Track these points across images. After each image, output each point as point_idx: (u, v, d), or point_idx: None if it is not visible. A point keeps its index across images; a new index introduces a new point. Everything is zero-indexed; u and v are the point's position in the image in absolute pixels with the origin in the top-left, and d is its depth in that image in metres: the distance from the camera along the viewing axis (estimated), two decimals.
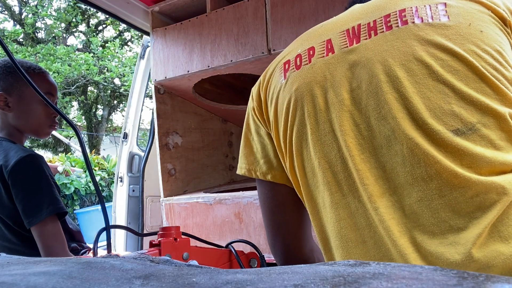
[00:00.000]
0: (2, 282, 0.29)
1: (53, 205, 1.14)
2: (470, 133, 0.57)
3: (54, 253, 1.12)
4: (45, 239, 1.12)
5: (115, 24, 12.81)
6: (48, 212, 1.12)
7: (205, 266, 0.39)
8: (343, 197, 0.65)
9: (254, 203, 1.57)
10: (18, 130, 1.31)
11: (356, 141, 0.63)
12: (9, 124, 1.29)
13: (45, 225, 1.12)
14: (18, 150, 1.19)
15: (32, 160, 1.18)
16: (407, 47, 0.61)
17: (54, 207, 1.14)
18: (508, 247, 0.52)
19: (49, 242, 1.12)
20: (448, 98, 0.58)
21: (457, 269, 0.25)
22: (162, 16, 1.95)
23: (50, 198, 1.15)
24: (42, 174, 1.18)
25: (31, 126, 1.31)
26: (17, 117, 1.28)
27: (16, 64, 0.72)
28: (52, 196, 1.16)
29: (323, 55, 0.69)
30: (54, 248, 1.13)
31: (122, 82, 12.64)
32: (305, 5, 1.48)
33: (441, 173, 0.56)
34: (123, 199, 2.49)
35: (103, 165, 9.05)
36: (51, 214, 1.13)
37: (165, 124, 1.92)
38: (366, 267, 0.31)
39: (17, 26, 11.86)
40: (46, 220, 1.12)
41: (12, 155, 1.17)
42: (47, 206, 1.13)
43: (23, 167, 1.15)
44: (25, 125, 1.30)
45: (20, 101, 1.27)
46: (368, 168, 0.62)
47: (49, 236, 1.13)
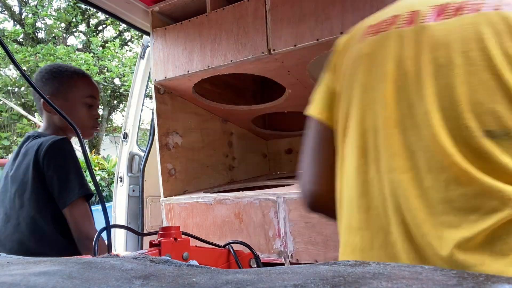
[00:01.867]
0: (2, 282, 0.29)
1: (84, 187, 1.23)
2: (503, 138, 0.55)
3: (84, 229, 1.20)
4: (76, 217, 1.21)
5: (115, 24, 12.81)
6: (80, 193, 1.21)
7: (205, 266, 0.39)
8: (365, 164, 0.66)
9: (254, 203, 1.57)
10: (62, 131, 1.40)
11: (394, 115, 0.64)
12: (55, 124, 1.39)
13: (77, 205, 1.21)
14: (52, 137, 1.28)
15: (64, 143, 1.26)
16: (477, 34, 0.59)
17: (85, 189, 1.22)
18: (496, 263, 0.51)
19: (79, 219, 1.21)
20: (495, 96, 0.56)
21: (442, 263, 0.25)
22: (162, 16, 1.95)
23: (81, 180, 1.23)
24: (74, 157, 1.27)
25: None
26: (62, 119, 1.35)
27: (16, 64, 0.72)
28: (83, 178, 1.25)
29: (402, 26, 0.69)
30: (85, 225, 1.21)
31: (122, 82, 12.63)
32: (305, 5, 1.48)
33: (452, 167, 0.56)
34: (123, 199, 2.49)
35: (103, 165, 9.05)
36: (82, 195, 1.21)
37: (165, 124, 1.92)
38: (366, 267, 0.31)
39: (17, 26, 11.86)
40: (78, 200, 1.21)
41: (46, 140, 1.26)
42: (79, 187, 1.21)
43: (56, 149, 1.24)
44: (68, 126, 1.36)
45: (65, 104, 1.36)
46: (395, 143, 0.63)
47: (80, 215, 1.21)
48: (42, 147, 1.24)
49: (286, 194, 1.50)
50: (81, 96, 1.40)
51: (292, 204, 1.48)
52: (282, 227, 1.50)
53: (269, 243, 1.53)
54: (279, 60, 1.59)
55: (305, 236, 1.45)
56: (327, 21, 1.42)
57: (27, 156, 1.28)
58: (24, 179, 1.25)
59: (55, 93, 1.36)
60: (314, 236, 1.43)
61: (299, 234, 1.46)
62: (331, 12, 1.41)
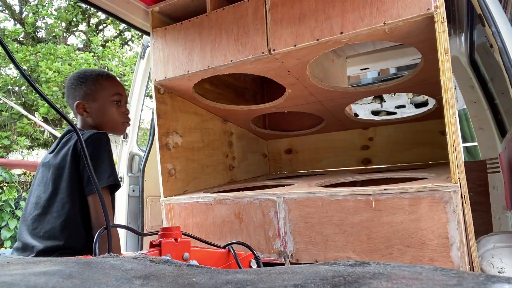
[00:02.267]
0: (2, 282, 0.29)
1: (113, 176, 1.30)
2: None
3: (102, 221, 1.24)
4: (98, 206, 1.26)
5: (115, 24, 12.80)
6: (108, 181, 1.28)
7: (205, 266, 0.39)
8: None
9: (254, 203, 1.57)
10: (97, 129, 1.48)
11: None
12: (90, 125, 1.50)
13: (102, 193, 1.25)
14: (92, 130, 1.38)
15: (103, 136, 1.35)
16: None
17: (114, 178, 1.30)
18: None
19: (100, 209, 1.24)
20: None
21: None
22: (162, 16, 1.95)
23: (112, 170, 1.31)
24: (110, 149, 1.35)
25: (107, 125, 1.51)
26: (95, 119, 1.49)
27: (16, 63, 0.72)
28: (114, 169, 1.33)
29: None
30: (103, 216, 1.23)
31: (122, 82, 12.61)
32: (305, 5, 1.48)
33: None
34: (123, 199, 2.49)
35: None
36: (109, 184, 1.28)
37: (165, 124, 1.92)
38: (366, 267, 0.31)
39: (18, 25, 11.85)
40: (103, 190, 1.27)
41: (86, 132, 1.36)
42: (107, 176, 1.28)
43: (95, 139, 1.32)
44: (102, 124, 1.50)
45: (95, 105, 1.48)
46: None
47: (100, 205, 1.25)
48: (83, 136, 1.31)
49: (286, 194, 1.50)
50: (108, 95, 1.50)
51: (292, 204, 1.48)
52: (282, 227, 1.50)
53: (269, 243, 1.53)
54: (279, 60, 1.59)
55: (305, 236, 1.45)
56: (327, 21, 1.42)
57: (68, 144, 1.37)
58: (62, 164, 1.34)
59: (85, 97, 1.48)
60: (314, 236, 1.43)
61: (299, 234, 1.46)
62: (331, 12, 1.41)
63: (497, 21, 1.43)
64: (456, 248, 1.18)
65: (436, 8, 1.23)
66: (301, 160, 2.77)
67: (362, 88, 1.94)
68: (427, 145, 2.35)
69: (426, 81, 1.78)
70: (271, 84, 2.42)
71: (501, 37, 1.40)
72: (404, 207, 1.26)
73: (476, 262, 1.20)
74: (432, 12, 1.24)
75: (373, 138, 2.53)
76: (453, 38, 2.52)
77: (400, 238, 1.27)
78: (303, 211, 1.45)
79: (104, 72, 1.59)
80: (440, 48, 1.23)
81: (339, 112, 2.25)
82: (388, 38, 1.42)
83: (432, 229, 1.22)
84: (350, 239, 1.36)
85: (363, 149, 2.57)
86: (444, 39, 1.23)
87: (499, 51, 1.39)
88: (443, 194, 1.20)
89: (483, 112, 2.41)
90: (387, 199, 1.29)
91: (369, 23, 1.34)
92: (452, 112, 1.22)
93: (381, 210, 1.30)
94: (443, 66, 1.23)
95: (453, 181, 1.21)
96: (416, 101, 4.19)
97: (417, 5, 1.26)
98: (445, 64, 1.23)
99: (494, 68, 2.10)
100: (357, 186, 1.47)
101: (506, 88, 1.53)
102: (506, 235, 1.48)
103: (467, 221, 1.19)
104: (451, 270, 0.28)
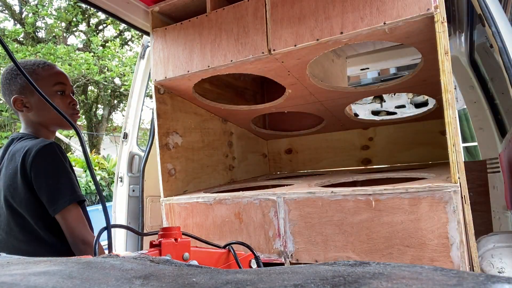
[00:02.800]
0: (2, 282, 0.29)
1: (74, 194, 1.20)
2: None
3: (78, 233, 1.20)
4: (69, 222, 1.20)
5: (115, 24, 12.80)
6: (70, 200, 1.20)
7: (205, 266, 0.38)
8: None
9: (254, 203, 1.57)
10: (43, 126, 1.36)
11: None
12: (33, 122, 1.35)
13: (68, 211, 1.20)
14: (39, 141, 1.24)
15: (51, 149, 1.23)
16: None
17: (75, 195, 1.21)
18: None
19: (73, 224, 1.20)
20: None
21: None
22: (162, 16, 1.95)
23: (71, 186, 1.22)
24: (62, 161, 1.24)
25: (53, 120, 1.36)
26: (38, 114, 1.34)
27: (16, 63, 0.72)
28: (73, 184, 1.23)
29: None
30: (78, 229, 1.21)
31: (122, 82, 12.63)
32: (305, 5, 1.48)
33: None
34: (123, 199, 2.49)
35: (103, 165, 9.05)
36: (72, 202, 1.20)
37: (165, 124, 1.92)
38: (366, 267, 0.31)
39: (18, 25, 11.85)
40: (69, 207, 1.20)
41: (33, 145, 1.22)
42: (69, 194, 1.20)
43: (44, 156, 1.21)
44: (47, 120, 1.35)
45: (35, 99, 1.32)
46: None
47: (72, 220, 1.20)
48: (29, 153, 1.20)
49: (286, 194, 1.50)
50: (48, 86, 1.33)
51: (292, 204, 1.48)
52: (282, 227, 1.50)
53: (269, 243, 1.53)
54: (279, 60, 1.59)
55: (305, 236, 1.45)
56: (327, 21, 1.42)
57: (13, 162, 1.24)
58: (13, 185, 1.22)
59: (22, 90, 1.32)
60: (314, 236, 1.43)
61: (299, 234, 1.46)
62: (331, 12, 1.41)
63: (497, 21, 1.43)
64: (456, 248, 1.18)
65: (436, 8, 1.23)
66: (301, 160, 2.77)
67: (362, 88, 1.94)
68: (427, 145, 2.35)
69: (426, 81, 1.78)
70: (271, 84, 2.42)
71: (501, 37, 1.40)
72: (404, 207, 1.26)
73: (476, 262, 1.20)
74: (432, 12, 1.24)
75: (373, 138, 2.53)
76: (453, 38, 2.52)
77: (400, 238, 1.27)
78: (303, 211, 1.46)
79: (41, 60, 1.41)
80: (440, 48, 1.23)
81: (339, 112, 2.25)
82: (388, 38, 1.42)
83: (432, 229, 1.22)
84: (350, 239, 1.36)
85: (363, 149, 2.57)
86: (444, 39, 1.23)
87: (499, 51, 1.39)
88: (443, 194, 1.20)
89: (483, 112, 2.41)
90: (387, 199, 1.29)
91: (369, 23, 1.34)
92: (452, 112, 1.22)
93: (381, 210, 1.30)
94: (443, 66, 1.23)
95: (453, 181, 1.21)
96: (416, 101, 4.19)
97: (417, 5, 1.26)
98: (445, 64, 1.23)
99: (494, 68, 2.10)
100: (357, 186, 1.47)
101: (506, 88, 1.53)
102: (506, 235, 1.48)
103: (467, 221, 1.19)
104: (451, 270, 0.28)
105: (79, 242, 1.19)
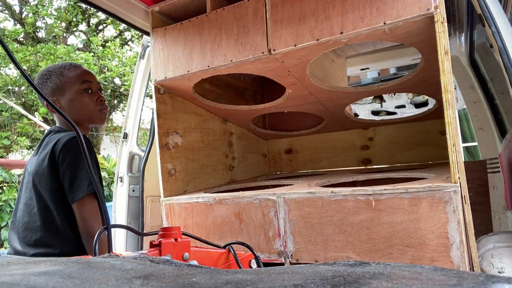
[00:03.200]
0: (2, 282, 0.29)
1: (91, 185, 1.27)
2: None
3: (89, 225, 1.25)
4: (83, 213, 1.25)
5: (115, 24, 12.80)
6: (88, 189, 1.25)
7: (205, 266, 0.38)
8: None
9: (254, 203, 1.57)
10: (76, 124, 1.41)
11: None
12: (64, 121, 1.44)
13: (84, 202, 1.26)
14: (70, 133, 1.33)
15: (78, 141, 1.28)
16: None
17: (92, 187, 1.26)
18: None
19: (85, 215, 1.25)
20: None
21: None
22: (162, 16, 1.95)
23: (90, 179, 1.26)
24: (89, 154, 1.27)
25: (83, 116, 1.45)
26: (69, 113, 1.42)
27: (16, 63, 0.72)
28: (93, 177, 1.26)
29: None
30: (90, 221, 1.26)
31: (122, 82, 12.63)
32: (305, 5, 1.48)
33: None
34: (123, 199, 2.49)
35: (103, 165, 9.04)
36: (90, 192, 1.25)
37: (165, 124, 1.92)
38: (366, 267, 0.31)
39: (18, 25, 11.85)
40: (86, 197, 1.25)
41: (64, 137, 1.31)
42: (88, 184, 1.25)
43: (72, 146, 1.28)
44: (78, 117, 1.44)
45: (65, 99, 1.42)
46: None
47: (86, 211, 1.26)
48: (60, 142, 1.29)
49: (286, 194, 1.50)
50: (75, 85, 1.43)
51: (292, 204, 1.48)
52: (282, 227, 1.50)
53: (269, 243, 1.53)
54: (279, 60, 1.59)
55: (305, 236, 1.45)
56: (327, 21, 1.42)
57: (45, 150, 1.33)
58: (40, 171, 1.31)
59: (52, 93, 1.42)
60: (314, 236, 1.43)
61: (299, 234, 1.46)
62: (331, 12, 1.41)
63: (497, 21, 1.43)
64: (456, 248, 1.18)
65: (436, 8, 1.23)
66: (301, 160, 2.77)
67: (362, 88, 1.94)
68: (427, 145, 2.35)
69: (426, 81, 1.78)
70: (271, 84, 2.42)
71: (501, 37, 1.40)
72: (404, 207, 1.26)
73: (476, 262, 1.19)
74: (432, 12, 1.24)
75: (373, 138, 2.53)
76: (453, 38, 2.52)
77: (400, 238, 1.27)
78: (303, 211, 1.45)
79: (67, 63, 1.51)
80: (440, 48, 1.23)
81: (339, 112, 2.25)
82: (388, 38, 1.42)
83: (432, 229, 1.22)
84: (350, 239, 1.36)
85: (363, 149, 2.57)
86: (444, 39, 1.23)
87: (499, 51, 1.39)
88: (443, 194, 1.20)
89: (483, 112, 2.41)
90: (387, 199, 1.29)
91: (369, 23, 1.34)
92: (452, 112, 1.22)
93: (381, 210, 1.30)
94: (443, 66, 1.23)
95: (453, 181, 1.21)
96: (416, 101, 4.19)
97: (417, 5, 1.26)
98: (445, 64, 1.23)
99: (494, 68, 2.10)
100: (357, 186, 1.47)
101: (506, 88, 1.53)
102: (506, 235, 1.48)
103: (467, 221, 1.19)
104: (451, 270, 0.28)
105: (87, 234, 1.25)
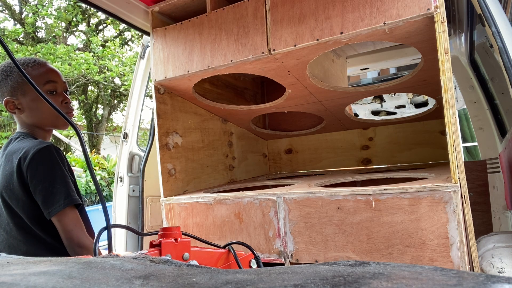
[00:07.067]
0: (2, 282, 0.29)
1: (68, 198, 1.18)
2: None
3: (74, 236, 1.18)
4: (65, 225, 1.18)
5: (115, 24, 12.80)
6: (65, 204, 1.17)
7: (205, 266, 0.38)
8: None
9: (254, 203, 1.57)
10: (37, 127, 1.33)
11: None
12: (27, 123, 1.32)
13: (64, 214, 1.18)
14: (36, 143, 1.22)
15: (47, 152, 1.20)
16: None
17: (70, 199, 1.18)
18: None
19: (69, 227, 1.18)
20: None
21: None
22: (162, 16, 1.95)
23: (66, 190, 1.19)
24: (59, 164, 1.21)
25: (46, 120, 1.32)
26: (31, 116, 1.30)
27: (17, 64, 0.72)
28: (68, 188, 1.20)
29: None
30: (74, 232, 1.19)
31: (122, 82, 12.63)
32: (305, 5, 1.48)
33: None
34: (123, 199, 2.49)
35: (103, 165, 9.05)
36: (66, 206, 1.17)
37: (165, 124, 1.92)
38: (366, 267, 0.31)
39: (18, 25, 11.85)
40: (65, 210, 1.17)
41: (30, 147, 1.20)
42: (64, 198, 1.17)
43: (40, 159, 1.18)
44: (41, 120, 1.32)
45: (26, 100, 1.29)
46: None
47: (68, 223, 1.18)
48: (26, 155, 1.18)
49: (286, 194, 1.50)
50: (38, 84, 1.23)
51: (292, 204, 1.48)
52: (282, 227, 1.50)
53: (269, 243, 1.53)
54: (279, 60, 1.59)
55: (305, 236, 1.45)
56: (327, 21, 1.42)
57: (10, 163, 1.22)
58: (10, 186, 1.21)
59: (12, 92, 1.28)
60: (314, 236, 1.43)
61: (299, 234, 1.46)
62: (331, 12, 1.41)
63: (497, 21, 1.43)
64: (456, 248, 1.18)
65: (436, 8, 1.23)
66: (301, 160, 2.77)
67: (362, 88, 1.94)
68: (427, 145, 2.35)
69: (426, 81, 1.78)
70: (271, 84, 2.42)
71: (501, 37, 1.40)
72: (404, 207, 1.26)
73: (476, 262, 1.20)
74: (432, 12, 1.24)
75: (373, 138, 2.53)
76: (453, 38, 2.52)
77: (400, 238, 1.27)
78: (303, 211, 1.46)
79: (31, 58, 1.34)
80: (440, 48, 1.23)
81: (339, 112, 2.25)
82: (388, 38, 1.42)
83: (432, 229, 1.22)
84: (350, 239, 1.36)
85: (363, 149, 2.57)
86: (444, 39, 1.23)
87: (499, 51, 1.39)
88: (443, 194, 1.20)
89: (483, 112, 2.41)
90: (387, 199, 1.29)
91: (369, 23, 1.34)
92: (452, 112, 1.22)
93: (381, 210, 1.30)
94: (443, 66, 1.23)
95: (453, 181, 1.21)
96: (416, 101, 4.19)
97: (417, 5, 1.26)
98: (445, 64, 1.23)
99: (494, 68, 2.10)
100: (357, 186, 1.47)
101: (506, 88, 1.53)
102: (506, 235, 1.48)
103: (467, 221, 1.19)
104: (451, 270, 0.28)
105: (75, 245, 1.18)
